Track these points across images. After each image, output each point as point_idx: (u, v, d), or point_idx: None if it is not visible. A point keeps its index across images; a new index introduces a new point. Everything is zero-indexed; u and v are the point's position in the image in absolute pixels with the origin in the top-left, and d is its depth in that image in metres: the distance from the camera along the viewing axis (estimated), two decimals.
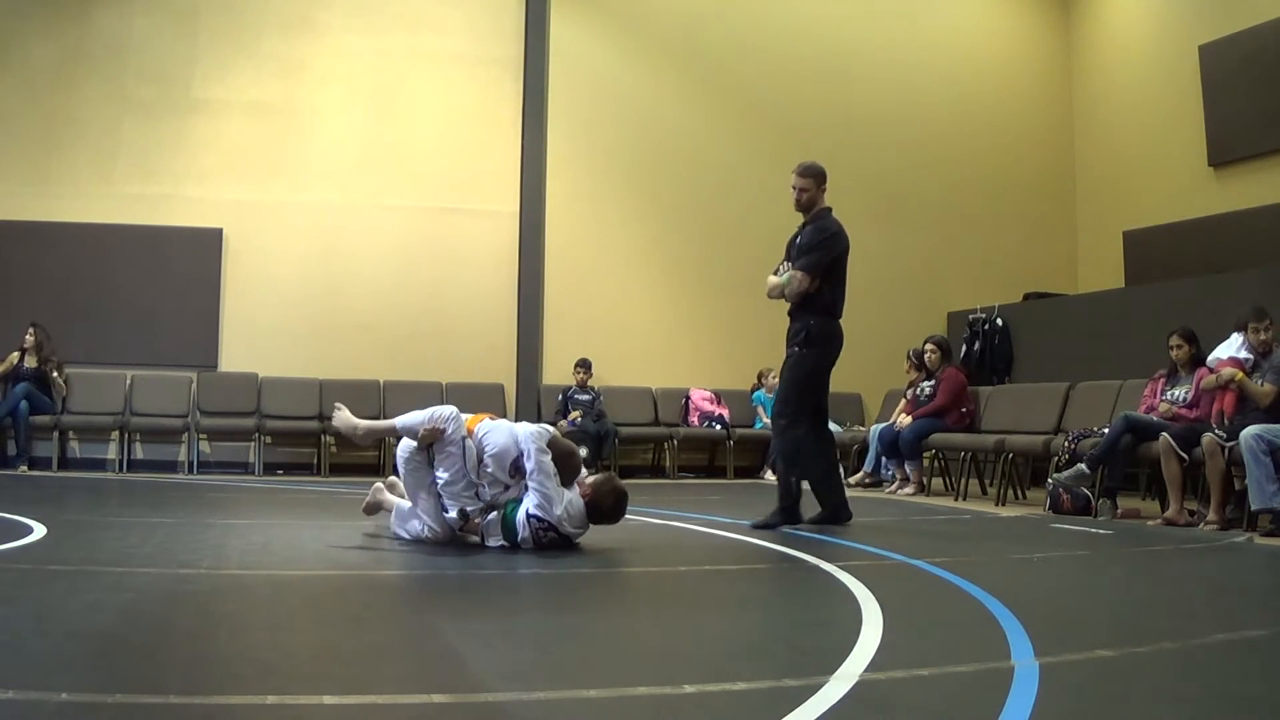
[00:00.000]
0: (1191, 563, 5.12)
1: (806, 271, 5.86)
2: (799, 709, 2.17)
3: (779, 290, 6.00)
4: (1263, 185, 9.97)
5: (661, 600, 3.84)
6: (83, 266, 10.13)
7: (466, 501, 4.62)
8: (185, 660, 2.57)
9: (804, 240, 5.95)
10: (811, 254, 5.88)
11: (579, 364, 10.67)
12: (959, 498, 8.20)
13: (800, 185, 5.99)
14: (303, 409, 10.27)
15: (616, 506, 4.74)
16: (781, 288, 5.96)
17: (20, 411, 9.37)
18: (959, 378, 8.98)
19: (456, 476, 4.61)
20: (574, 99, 11.34)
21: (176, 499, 7.19)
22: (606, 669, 2.65)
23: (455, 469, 4.60)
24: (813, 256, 5.88)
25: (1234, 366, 6.42)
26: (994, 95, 12.51)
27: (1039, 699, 2.28)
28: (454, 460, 4.60)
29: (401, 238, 10.89)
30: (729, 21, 11.82)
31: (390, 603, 3.62)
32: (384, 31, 11.01)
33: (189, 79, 10.53)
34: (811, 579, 4.17)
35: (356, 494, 7.26)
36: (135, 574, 3.72)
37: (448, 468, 4.61)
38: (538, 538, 4.58)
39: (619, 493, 4.75)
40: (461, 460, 4.61)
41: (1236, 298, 7.20)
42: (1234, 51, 10.33)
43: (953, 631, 3.17)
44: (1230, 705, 2.40)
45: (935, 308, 11.81)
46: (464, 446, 4.62)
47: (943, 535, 6.10)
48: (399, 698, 2.24)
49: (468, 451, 4.63)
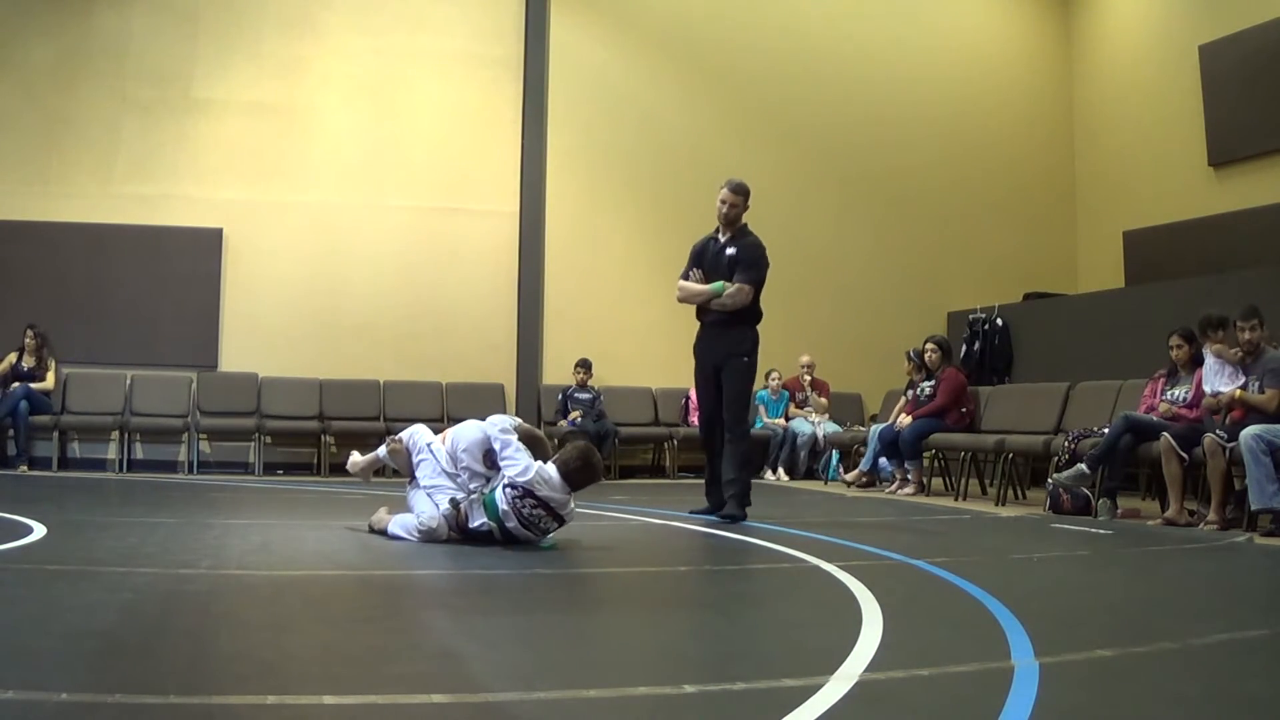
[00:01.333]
0: (1191, 563, 5.12)
1: (753, 285, 6.14)
2: (799, 709, 2.16)
3: (703, 297, 6.22)
4: (1263, 185, 9.98)
5: (661, 600, 3.84)
6: (83, 266, 10.13)
7: (452, 492, 4.78)
8: (185, 660, 2.57)
9: (742, 255, 6.18)
10: (754, 269, 6.17)
11: (579, 364, 10.67)
12: (959, 498, 8.19)
13: (733, 202, 6.25)
14: (303, 409, 10.27)
15: (584, 464, 4.71)
16: (709, 296, 6.18)
17: (20, 411, 9.37)
18: (959, 378, 8.98)
19: (434, 474, 4.85)
20: (574, 99, 11.34)
21: (176, 499, 7.19)
22: (606, 669, 2.65)
23: (431, 469, 4.87)
24: (756, 272, 6.18)
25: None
26: (994, 95, 12.51)
27: (1039, 699, 2.28)
28: (427, 463, 4.90)
29: (401, 238, 10.90)
30: (729, 21, 11.82)
31: (390, 603, 3.62)
32: (384, 31, 11.01)
33: (189, 79, 10.53)
34: (811, 579, 4.17)
35: (357, 494, 7.27)
36: (135, 574, 3.72)
37: (423, 471, 4.91)
38: (518, 510, 4.59)
39: (581, 450, 4.75)
40: (435, 462, 4.88)
41: (1236, 298, 7.19)
42: (1234, 51, 10.33)
43: (953, 631, 3.17)
44: (1230, 705, 2.40)
45: (935, 308, 11.81)
46: (432, 452, 4.91)
47: (943, 535, 6.10)
48: (399, 698, 2.24)
49: (438, 455, 4.88)
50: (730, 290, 6.12)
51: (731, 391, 6.22)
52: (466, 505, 4.74)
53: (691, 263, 6.37)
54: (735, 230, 6.27)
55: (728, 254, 6.21)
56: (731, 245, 6.22)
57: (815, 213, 11.90)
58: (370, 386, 10.59)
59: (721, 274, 6.19)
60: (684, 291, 6.34)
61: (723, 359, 6.20)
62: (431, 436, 5.00)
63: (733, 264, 6.17)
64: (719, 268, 6.22)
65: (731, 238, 6.26)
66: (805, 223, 11.79)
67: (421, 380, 10.67)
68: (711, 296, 6.17)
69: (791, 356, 10.98)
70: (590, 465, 4.75)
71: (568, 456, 4.73)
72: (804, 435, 10.77)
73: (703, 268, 6.30)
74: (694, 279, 6.29)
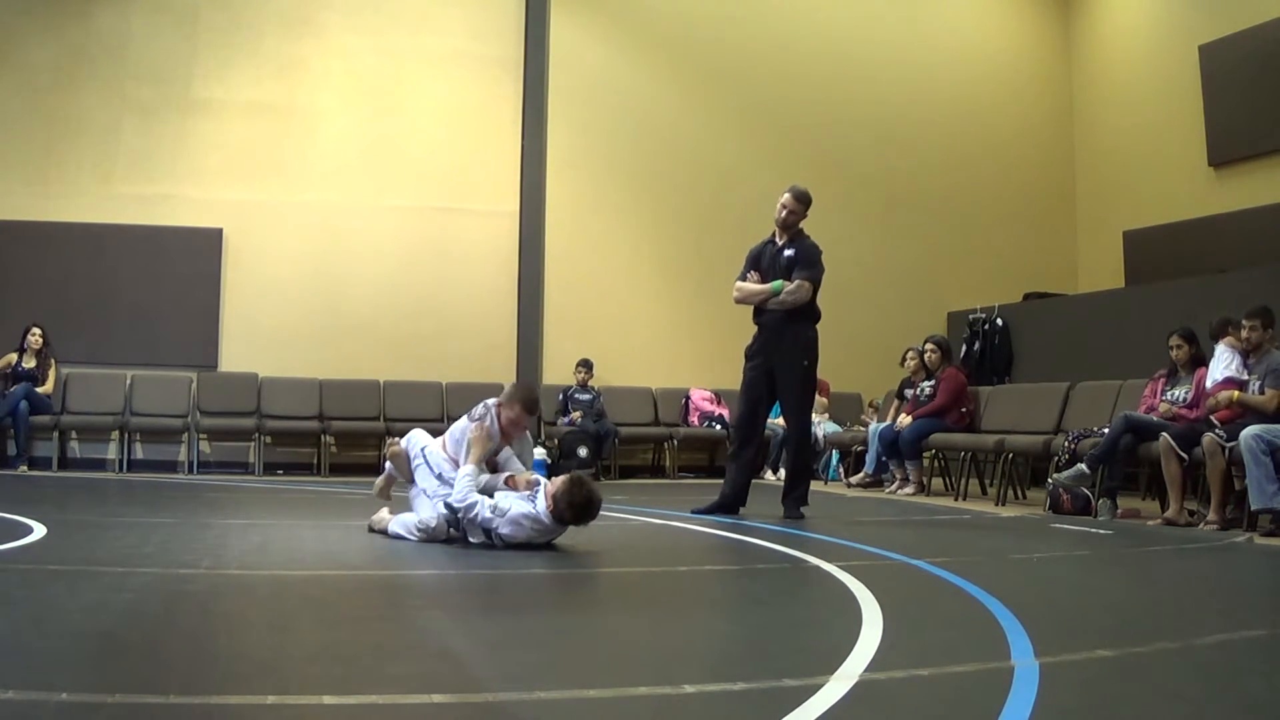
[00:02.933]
0: (1191, 563, 5.12)
1: (812, 283, 6.28)
2: (799, 709, 2.16)
3: (760, 296, 6.34)
4: (1263, 185, 9.98)
5: (661, 600, 3.84)
6: (83, 266, 10.13)
7: (448, 495, 4.77)
8: (185, 660, 2.57)
9: (801, 255, 6.35)
10: (813, 268, 6.32)
11: (579, 364, 10.66)
12: (959, 498, 8.19)
13: (793, 208, 6.43)
14: (303, 409, 10.27)
15: (586, 503, 4.55)
16: (767, 295, 6.29)
17: (20, 411, 9.37)
18: (959, 378, 8.97)
19: (431, 477, 4.92)
20: (574, 99, 11.34)
21: (176, 499, 7.19)
22: (606, 669, 2.65)
23: (428, 472, 4.94)
24: (816, 270, 6.33)
25: (1229, 388, 6.40)
26: (994, 95, 12.51)
27: (1039, 699, 2.28)
28: (423, 468, 4.97)
29: (401, 238, 10.90)
30: (729, 22, 11.82)
31: (390, 603, 3.62)
32: (384, 31, 11.01)
33: (189, 79, 10.54)
34: (811, 579, 4.17)
35: (356, 494, 7.27)
36: (135, 574, 3.72)
37: (421, 474, 4.98)
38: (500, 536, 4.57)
39: (580, 490, 4.55)
40: (426, 465, 4.97)
41: (1236, 298, 7.20)
42: (1234, 51, 10.33)
43: (953, 631, 3.17)
44: (1230, 705, 2.40)
45: (935, 308, 11.82)
46: (425, 456, 4.99)
47: (943, 535, 6.10)
48: (399, 698, 2.23)
49: (432, 459, 4.97)
50: (790, 287, 6.26)
51: (794, 398, 6.36)
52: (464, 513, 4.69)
53: (749, 266, 6.50)
54: (792, 234, 6.43)
55: (785, 255, 6.37)
56: (790, 247, 6.38)
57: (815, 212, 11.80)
58: (370, 386, 10.59)
59: (780, 275, 6.33)
60: (741, 292, 6.47)
61: (783, 360, 6.31)
62: (429, 440, 5.06)
63: (791, 264, 6.32)
64: (777, 269, 6.37)
65: (789, 240, 6.41)
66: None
67: (421, 380, 10.67)
68: (770, 295, 6.31)
69: None
70: (590, 505, 4.55)
71: (560, 494, 4.50)
72: None
73: (760, 270, 6.43)
74: (751, 280, 6.43)
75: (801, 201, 6.44)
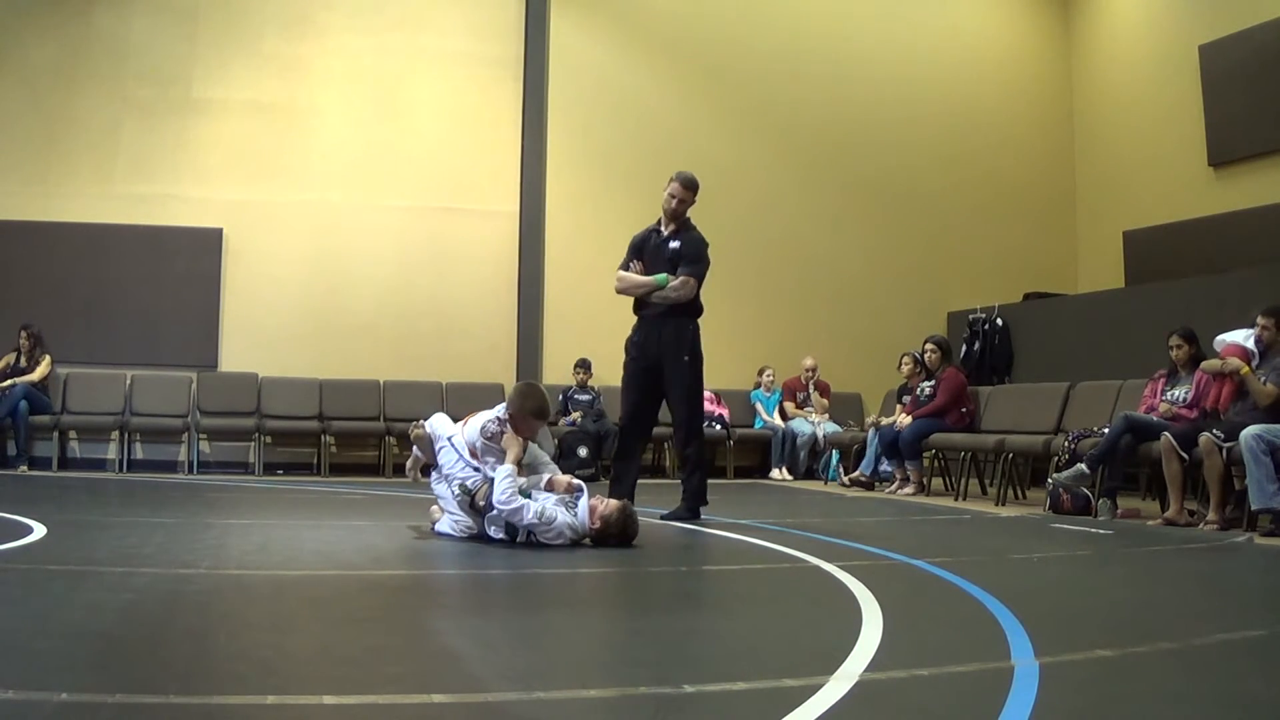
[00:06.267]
0: (1191, 563, 5.11)
1: (697, 279, 6.10)
2: (799, 709, 2.16)
3: (644, 289, 6.12)
4: (1263, 185, 9.97)
5: (662, 600, 3.84)
6: (83, 266, 10.13)
7: (466, 478, 4.90)
8: (185, 660, 2.57)
9: (686, 249, 6.13)
10: (699, 264, 6.14)
11: (578, 364, 10.66)
12: (959, 498, 8.19)
13: (682, 197, 6.18)
14: (303, 409, 10.27)
15: (622, 532, 4.85)
16: (651, 288, 6.08)
17: (20, 411, 9.37)
18: (959, 378, 8.97)
19: (451, 461, 5.00)
20: (574, 99, 11.34)
21: (176, 499, 7.19)
22: (606, 669, 2.65)
23: (451, 459, 5.01)
24: (701, 267, 6.15)
25: (1240, 355, 6.39)
26: (994, 95, 12.51)
27: (1039, 699, 2.28)
28: (447, 452, 5.05)
29: (401, 238, 10.90)
30: (729, 22, 11.82)
31: (390, 603, 3.62)
32: (384, 31, 11.01)
33: (189, 79, 10.54)
34: (811, 579, 4.17)
35: (357, 494, 7.28)
36: (135, 574, 3.72)
37: (444, 458, 5.05)
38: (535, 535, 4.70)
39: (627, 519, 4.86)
40: (453, 451, 5.03)
41: (1236, 298, 7.20)
42: (1234, 51, 10.33)
43: (953, 631, 3.17)
44: (1230, 705, 2.40)
45: (935, 308, 11.81)
46: (450, 442, 5.05)
47: (943, 535, 6.10)
48: (399, 698, 2.23)
49: (456, 444, 5.03)
50: (675, 283, 6.06)
51: (681, 391, 6.15)
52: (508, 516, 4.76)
53: (631, 254, 6.28)
54: (679, 224, 6.21)
55: (670, 247, 6.15)
56: (675, 239, 6.17)
57: (815, 212, 11.91)
58: (370, 386, 10.59)
59: (663, 267, 6.12)
60: (624, 283, 6.24)
61: (663, 356, 6.12)
62: (452, 427, 5.12)
63: (676, 256, 6.12)
64: (660, 261, 6.15)
65: (675, 231, 6.20)
66: (805, 222, 11.81)
67: (421, 380, 10.67)
68: (654, 289, 6.08)
69: (792, 356, 10.98)
70: (632, 538, 4.84)
71: (613, 523, 4.77)
72: (804, 435, 10.78)
73: (642, 260, 6.22)
74: (634, 271, 6.22)
75: (690, 189, 6.18)
